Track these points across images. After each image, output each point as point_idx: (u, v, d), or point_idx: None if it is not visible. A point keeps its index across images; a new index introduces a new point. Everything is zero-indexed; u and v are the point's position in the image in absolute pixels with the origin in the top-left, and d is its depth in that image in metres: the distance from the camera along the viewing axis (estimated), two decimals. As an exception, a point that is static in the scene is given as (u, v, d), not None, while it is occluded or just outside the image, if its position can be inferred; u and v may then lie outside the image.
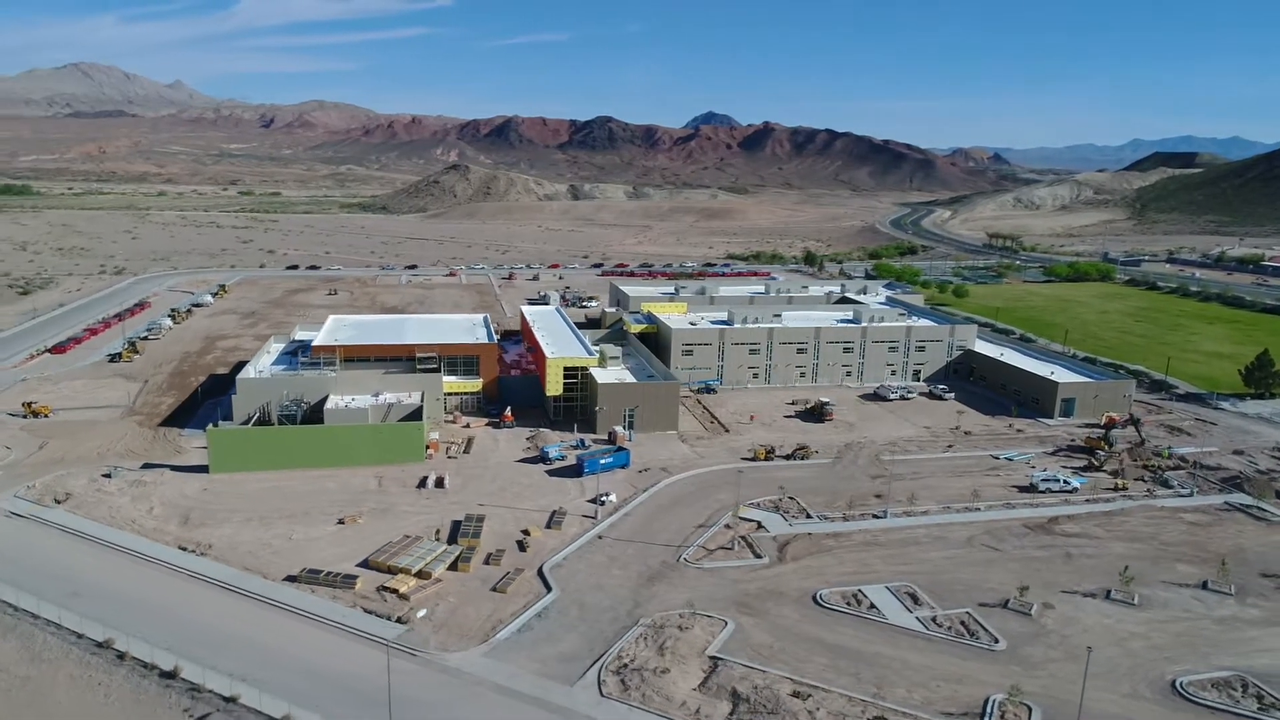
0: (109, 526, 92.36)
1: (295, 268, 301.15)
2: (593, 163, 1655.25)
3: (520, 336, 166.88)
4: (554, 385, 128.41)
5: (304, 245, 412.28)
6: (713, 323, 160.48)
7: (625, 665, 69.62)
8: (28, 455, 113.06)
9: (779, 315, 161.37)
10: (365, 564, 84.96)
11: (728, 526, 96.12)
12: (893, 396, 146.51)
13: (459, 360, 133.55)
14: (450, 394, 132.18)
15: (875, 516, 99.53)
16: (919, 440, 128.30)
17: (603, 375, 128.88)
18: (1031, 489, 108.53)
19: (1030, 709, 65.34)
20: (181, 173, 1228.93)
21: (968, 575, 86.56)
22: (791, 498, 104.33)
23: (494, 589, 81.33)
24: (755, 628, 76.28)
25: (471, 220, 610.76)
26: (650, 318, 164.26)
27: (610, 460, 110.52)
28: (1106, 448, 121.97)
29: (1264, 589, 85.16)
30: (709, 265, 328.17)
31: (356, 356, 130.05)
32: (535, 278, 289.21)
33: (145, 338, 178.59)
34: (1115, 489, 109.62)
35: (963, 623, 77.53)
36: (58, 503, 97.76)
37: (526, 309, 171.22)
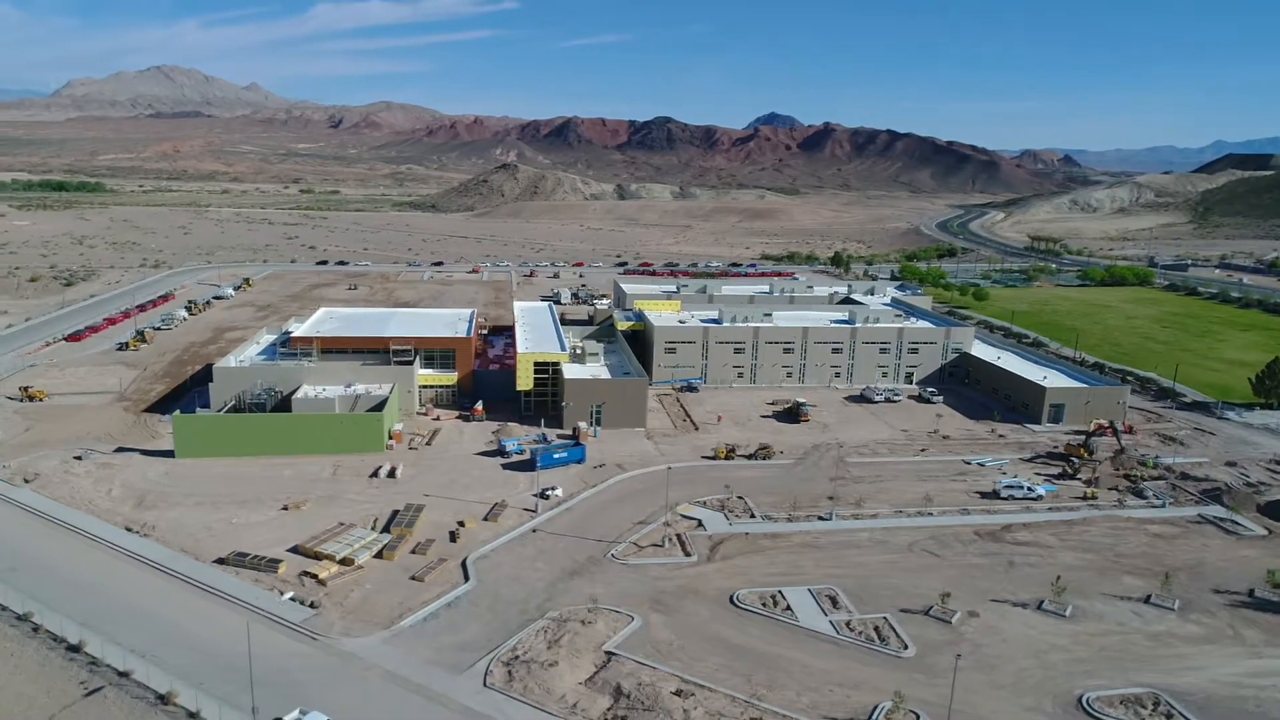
0: (67, 506, 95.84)
1: (324, 263, 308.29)
2: (650, 163, 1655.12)
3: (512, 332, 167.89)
4: (524, 380, 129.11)
5: (347, 242, 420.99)
6: (703, 321, 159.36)
7: (517, 657, 69.67)
8: (13, 437, 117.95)
9: (769, 314, 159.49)
10: (295, 549, 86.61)
11: (666, 524, 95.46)
12: (877, 399, 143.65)
13: (436, 354, 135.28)
14: (426, 386, 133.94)
15: (821, 519, 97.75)
16: (893, 443, 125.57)
17: (572, 371, 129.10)
18: (994, 495, 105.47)
19: (918, 716, 63.62)
20: (248, 171, 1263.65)
21: (899, 580, 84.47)
22: (740, 497, 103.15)
23: (413, 578, 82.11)
24: (662, 625, 75.63)
25: (516, 219, 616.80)
26: (640, 315, 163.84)
27: (564, 455, 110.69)
28: (1085, 455, 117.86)
29: (1211, 605, 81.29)
30: (734, 265, 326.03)
31: (334, 348, 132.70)
32: (555, 275, 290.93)
33: (158, 328, 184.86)
34: (1084, 497, 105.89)
35: (876, 628, 75.74)
36: (26, 482, 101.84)
37: (518, 305, 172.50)
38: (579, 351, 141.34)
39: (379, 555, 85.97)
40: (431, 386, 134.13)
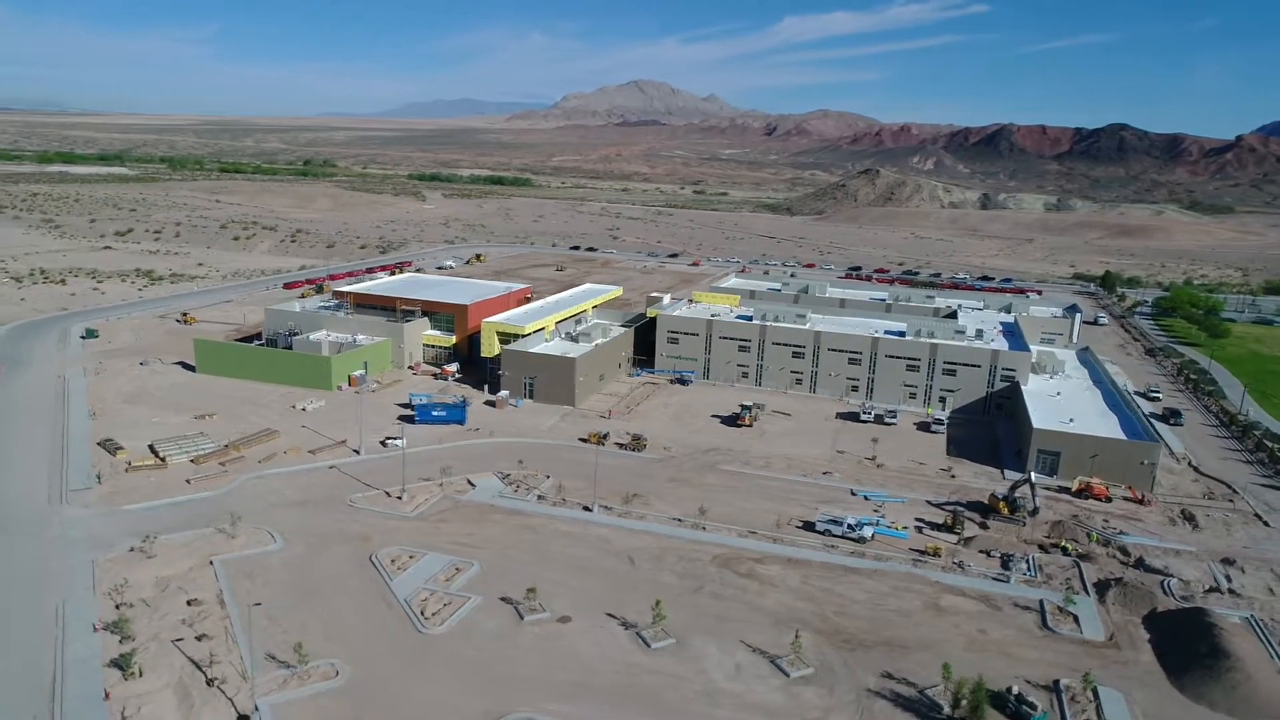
0: (87, 392, 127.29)
1: (577, 248, 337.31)
2: (1089, 175, 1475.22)
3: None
4: (488, 346, 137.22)
5: (653, 235, 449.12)
6: (738, 318, 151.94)
7: (140, 549, 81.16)
8: (138, 343, 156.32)
9: (803, 316, 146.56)
10: (150, 445, 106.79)
11: (440, 484, 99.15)
12: (865, 418, 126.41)
13: (443, 317, 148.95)
14: (431, 345, 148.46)
15: (585, 509, 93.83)
16: (806, 461, 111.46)
17: (520, 345, 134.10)
18: (810, 526, 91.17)
19: (337, 673, 63.58)
20: (661, 173, 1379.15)
21: (556, 575, 79.90)
22: (548, 475, 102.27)
23: (188, 480, 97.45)
24: (290, 555, 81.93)
25: (850, 224, 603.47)
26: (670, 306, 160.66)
27: (443, 414, 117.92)
28: (1006, 510, 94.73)
29: (848, 687, 65.20)
30: (985, 278, 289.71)
31: (364, 303, 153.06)
32: (765, 272, 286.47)
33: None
34: (923, 551, 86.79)
35: (446, 604, 74.20)
36: (97, 374, 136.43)
37: (587, 285, 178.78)
38: (573, 332, 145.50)
39: (193, 461, 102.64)
40: (435, 346, 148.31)
